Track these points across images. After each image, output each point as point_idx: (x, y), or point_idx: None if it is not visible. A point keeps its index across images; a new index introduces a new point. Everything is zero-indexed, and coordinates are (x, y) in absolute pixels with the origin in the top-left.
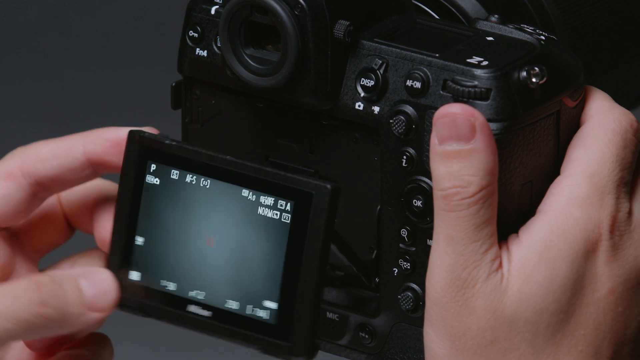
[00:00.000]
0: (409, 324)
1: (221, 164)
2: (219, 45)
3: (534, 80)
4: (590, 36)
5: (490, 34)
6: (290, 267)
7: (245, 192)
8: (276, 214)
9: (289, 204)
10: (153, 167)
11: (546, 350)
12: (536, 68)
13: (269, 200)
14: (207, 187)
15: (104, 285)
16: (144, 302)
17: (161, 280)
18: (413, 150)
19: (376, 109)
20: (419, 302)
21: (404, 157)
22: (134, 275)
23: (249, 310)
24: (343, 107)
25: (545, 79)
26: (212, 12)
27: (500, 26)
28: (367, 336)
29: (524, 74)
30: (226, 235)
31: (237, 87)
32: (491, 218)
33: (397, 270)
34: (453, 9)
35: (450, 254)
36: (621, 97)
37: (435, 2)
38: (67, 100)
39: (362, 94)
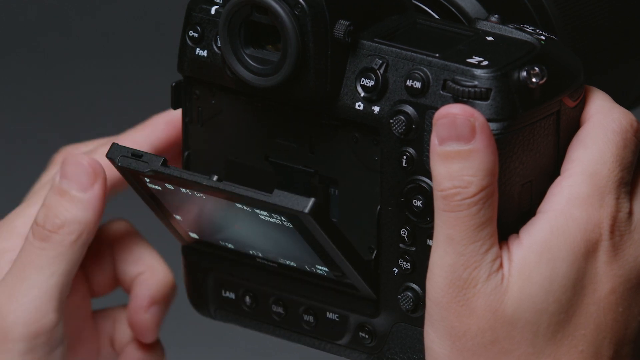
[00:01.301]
0: (409, 324)
1: (202, 187)
2: (219, 45)
3: (534, 80)
4: (590, 36)
5: (490, 34)
6: (318, 250)
7: (239, 205)
8: (277, 221)
9: (282, 217)
10: (147, 180)
11: (546, 350)
12: (536, 68)
13: (263, 213)
14: (203, 198)
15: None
16: (214, 251)
17: (219, 241)
18: (413, 150)
19: (376, 108)
20: (419, 302)
21: (404, 157)
22: (193, 235)
23: (307, 268)
24: (343, 107)
25: (545, 79)
26: (212, 12)
27: (500, 26)
28: (367, 336)
29: (524, 74)
30: (248, 227)
31: (237, 87)
32: (491, 218)
33: (397, 270)
34: (453, 9)
35: (451, 254)
36: (621, 97)
37: (435, 2)
38: (67, 100)
39: (362, 94)
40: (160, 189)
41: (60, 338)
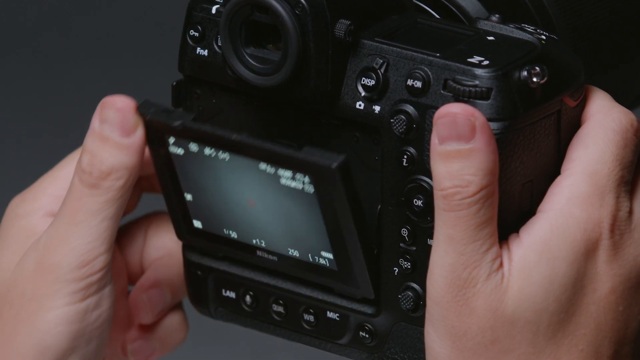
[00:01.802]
0: (409, 324)
1: (231, 142)
2: (219, 44)
3: (534, 79)
4: (590, 36)
5: (491, 34)
6: (331, 226)
7: (262, 166)
8: (299, 185)
9: (306, 177)
10: (172, 140)
11: (547, 349)
12: (537, 68)
13: (287, 173)
14: (227, 160)
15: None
16: (213, 246)
17: (224, 229)
18: (414, 150)
19: (377, 108)
20: (419, 301)
21: (405, 156)
22: (197, 224)
23: (310, 258)
24: (343, 106)
25: (546, 79)
26: (213, 11)
27: (501, 26)
28: (367, 336)
29: (525, 73)
30: (262, 200)
31: (238, 86)
32: (491, 218)
33: (397, 270)
34: (454, 9)
35: (451, 254)
36: (622, 97)
37: (436, 1)
38: (67, 100)
39: (363, 93)
40: (182, 153)
41: (109, 278)
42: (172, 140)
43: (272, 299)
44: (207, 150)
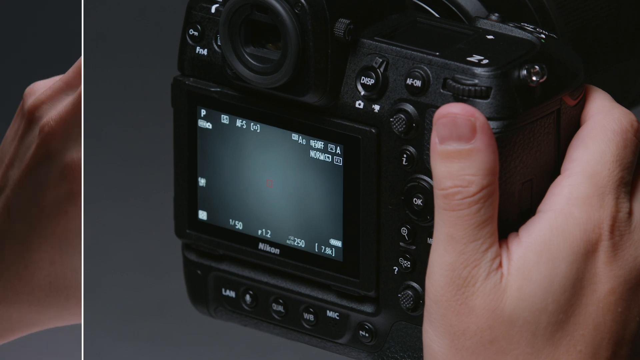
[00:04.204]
0: (409, 323)
1: (267, 109)
2: (219, 43)
3: (534, 78)
4: (590, 35)
5: (490, 33)
6: (349, 207)
7: (295, 136)
8: (328, 157)
9: (338, 148)
10: (203, 112)
11: (545, 350)
12: (536, 66)
13: (319, 144)
14: (258, 131)
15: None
16: (215, 240)
17: (230, 219)
18: (413, 149)
19: (376, 107)
20: (419, 300)
21: (404, 155)
22: (202, 215)
23: (316, 248)
24: (343, 105)
25: (545, 78)
26: (213, 10)
27: (501, 25)
28: (367, 335)
29: (524, 72)
30: (284, 177)
31: (237, 85)
32: (491, 217)
33: (397, 269)
34: (453, 8)
35: (451, 253)
36: (621, 96)
37: (435, 0)
38: None
39: (362, 93)
40: (210, 127)
41: None
42: (203, 112)
43: (272, 298)
44: (239, 122)
